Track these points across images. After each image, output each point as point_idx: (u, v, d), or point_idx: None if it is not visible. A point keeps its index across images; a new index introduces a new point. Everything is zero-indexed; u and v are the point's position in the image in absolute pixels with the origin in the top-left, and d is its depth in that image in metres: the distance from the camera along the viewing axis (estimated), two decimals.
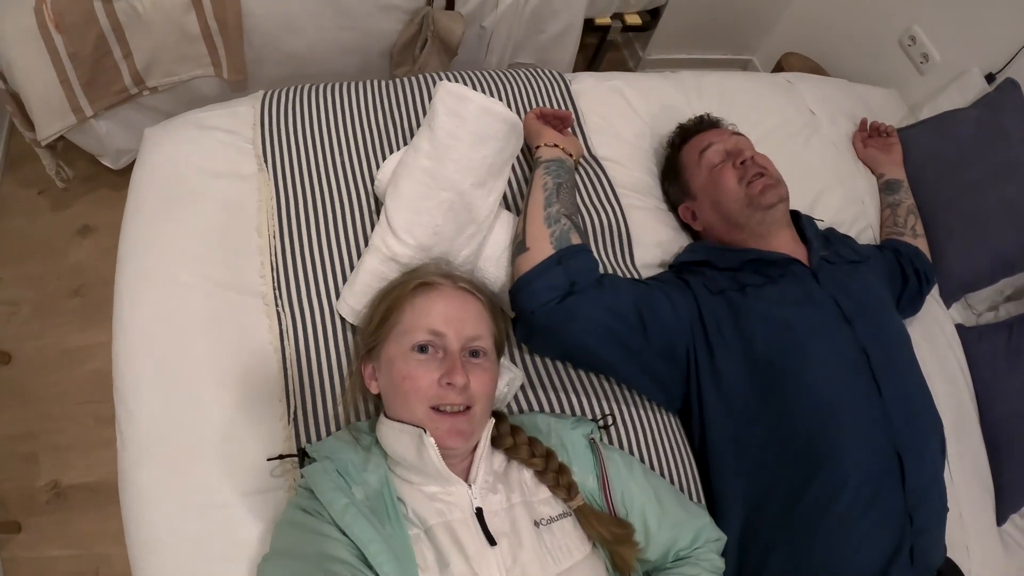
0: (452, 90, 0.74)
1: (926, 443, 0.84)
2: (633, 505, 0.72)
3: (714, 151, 0.97)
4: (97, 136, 1.43)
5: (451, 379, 0.63)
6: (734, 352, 0.82)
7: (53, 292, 1.51)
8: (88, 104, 1.35)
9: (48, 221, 1.59)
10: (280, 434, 0.78)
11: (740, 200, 0.92)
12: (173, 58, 1.38)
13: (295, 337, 0.82)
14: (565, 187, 0.84)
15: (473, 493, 0.64)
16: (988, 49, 1.35)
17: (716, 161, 0.97)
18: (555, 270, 0.76)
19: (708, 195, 0.97)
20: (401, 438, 0.64)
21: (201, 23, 1.34)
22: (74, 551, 1.22)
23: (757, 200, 0.91)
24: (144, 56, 1.34)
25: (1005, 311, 1.24)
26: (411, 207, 0.77)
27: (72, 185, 1.56)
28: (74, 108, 1.33)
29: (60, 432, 1.33)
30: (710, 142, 0.98)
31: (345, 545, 0.57)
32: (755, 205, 0.91)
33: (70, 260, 1.56)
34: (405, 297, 0.69)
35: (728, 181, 0.94)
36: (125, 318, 0.84)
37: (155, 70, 1.38)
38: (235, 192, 0.95)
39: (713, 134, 1.01)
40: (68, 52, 1.27)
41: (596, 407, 0.85)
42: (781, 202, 0.92)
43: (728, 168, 0.95)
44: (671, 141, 1.07)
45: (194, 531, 0.72)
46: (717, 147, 0.97)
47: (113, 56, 1.32)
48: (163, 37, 1.32)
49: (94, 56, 1.29)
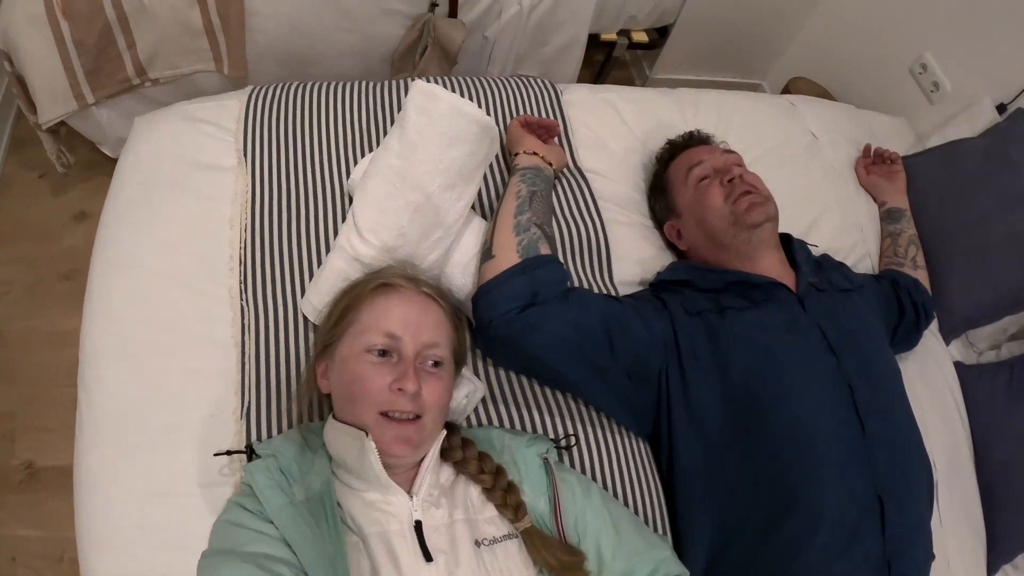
0: (424, 88, 0.72)
1: (911, 487, 0.79)
2: (587, 532, 0.68)
3: (702, 168, 0.94)
4: (98, 124, 1.44)
5: (402, 385, 0.61)
6: (709, 377, 0.78)
7: (45, 275, 1.53)
8: (90, 92, 1.36)
9: (46, 204, 1.61)
10: (232, 428, 0.76)
11: (725, 218, 0.89)
12: (176, 51, 1.39)
13: (256, 332, 0.82)
14: (539, 196, 0.82)
15: (414, 505, 0.62)
16: (1000, 79, 1.31)
17: (703, 177, 0.94)
18: (518, 279, 0.73)
19: (693, 212, 0.94)
20: (345, 440, 0.62)
21: (204, 18, 1.36)
22: (43, 532, 1.22)
23: (742, 219, 0.87)
24: (147, 48, 1.36)
25: (1008, 350, 1.18)
26: (377, 207, 0.76)
27: (72, 171, 1.58)
28: (76, 95, 1.35)
29: (40, 414, 1.33)
30: (699, 159, 0.95)
31: (284, 544, 0.56)
32: (740, 224, 0.88)
33: (64, 244, 1.57)
34: (364, 296, 0.68)
35: (713, 198, 0.90)
36: (94, 302, 0.85)
37: (158, 62, 1.40)
38: (214, 184, 0.95)
39: (703, 151, 0.98)
40: (74, 39, 1.29)
41: (559, 426, 0.82)
42: (768, 221, 0.88)
43: (715, 185, 0.92)
44: (659, 157, 1.04)
45: (140, 519, 0.71)
46: (706, 164, 0.94)
47: (117, 46, 1.34)
48: (167, 30, 1.34)
49: (99, 45, 1.31)
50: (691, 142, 1.01)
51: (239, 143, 0.99)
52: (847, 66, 1.66)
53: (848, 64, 1.66)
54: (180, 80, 1.44)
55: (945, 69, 1.42)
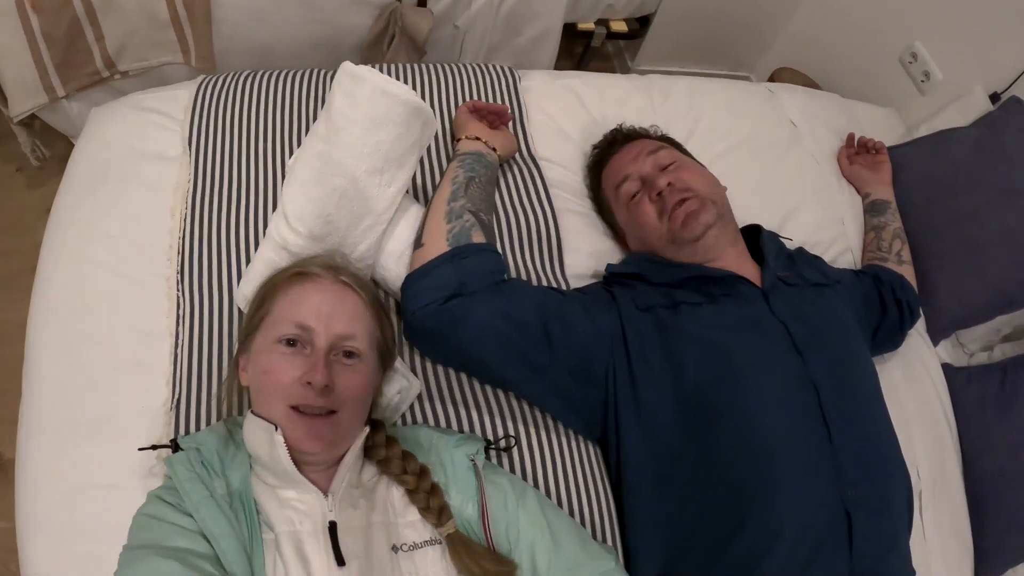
0: (349, 70, 0.68)
1: (885, 501, 0.72)
2: (520, 540, 0.64)
3: (629, 184, 0.86)
4: (68, 117, 1.45)
5: (310, 378, 0.58)
6: (660, 378, 0.73)
7: (16, 267, 1.52)
8: (60, 84, 1.37)
9: (22, 198, 1.61)
10: (163, 420, 0.75)
11: (663, 236, 0.82)
12: (144, 43, 1.39)
13: (190, 323, 0.80)
14: (478, 182, 0.77)
15: (329, 505, 0.59)
16: (993, 67, 1.24)
17: (633, 195, 0.86)
18: (444, 268, 0.68)
19: (633, 233, 0.88)
20: (257, 434, 0.59)
21: (171, 9, 1.36)
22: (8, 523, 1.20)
23: (679, 235, 0.80)
24: (116, 40, 1.36)
25: (1000, 352, 1.11)
26: (303, 194, 0.72)
27: (48, 164, 1.59)
28: (47, 87, 1.36)
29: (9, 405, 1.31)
30: (624, 174, 0.87)
31: (203, 538, 0.54)
32: (680, 241, 0.81)
33: (38, 237, 1.55)
34: (280, 286, 0.65)
35: (646, 218, 0.83)
36: (39, 293, 0.84)
37: (126, 54, 1.40)
38: (159, 174, 0.94)
39: (627, 157, 0.89)
40: (43, 32, 1.29)
41: (500, 427, 0.77)
42: (709, 230, 0.80)
43: (645, 202, 0.84)
44: (589, 165, 0.98)
45: (75, 511, 0.70)
46: (631, 179, 0.86)
47: (86, 38, 1.34)
48: (134, 22, 1.35)
49: (68, 37, 1.31)
50: (614, 146, 0.93)
51: (185, 132, 0.98)
52: (836, 57, 1.61)
53: (837, 55, 1.60)
54: (149, 72, 1.44)
55: (936, 58, 1.36)
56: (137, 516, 0.58)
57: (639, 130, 0.97)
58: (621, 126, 0.97)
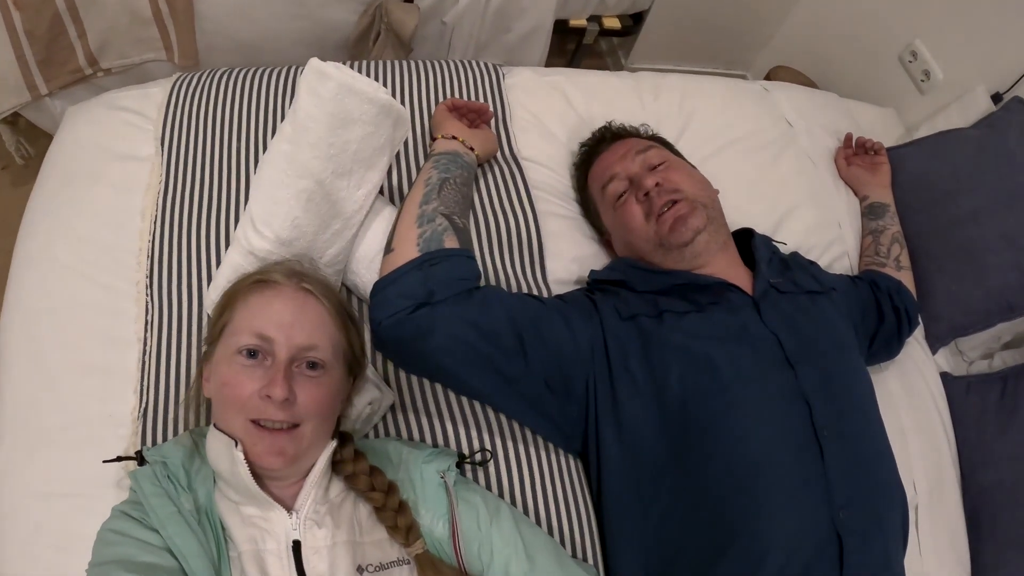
0: (315, 66, 0.65)
1: (879, 522, 0.69)
2: (493, 560, 0.62)
3: (615, 184, 0.83)
4: (52, 115, 1.43)
5: (269, 391, 0.55)
6: (641, 390, 0.69)
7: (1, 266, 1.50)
8: (43, 82, 1.36)
9: (6, 196, 1.59)
10: (129, 428, 0.73)
11: (650, 240, 0.79)
12: (126, 40, 1.38)
13: (159, 329, 0.78)
14: (452, 183, 0.74)
15: (293, 523, 0.56)
16: (995, 66, 1.20)
17: (619, 195, 0.83)
18: (412, 275, 0.65)
19: (619, 234, 0.85)
20: (219, 449, 0.57)
21: (153, 6, 1.34)
22: None
23: (668, 240, 0.77)
24: (98, 37, 1.34)
25: (1001, 360, 1.07)
26: (269, 196, 0.69)
27: (33, 163, 1.56)
28: (29, 85, 1.34)
29: None
30: (611, 173, 0.84)
31: (170, 554, 0.53)
32: (668, 245, 0.77)
33: None
34: (240, 294, 0.62)
35: (633, 220, 0.80)
36: (11, 295, 0.83)
37: (109, 51, 1.38)
38: (129, 175, 0.92)
39: (614, 156, 0.85)
40: (25, 29, 1.28)
41: (475, 440, 0.74)
42: (698, 234, 0.77)
43: (631, 203, 0.81)
44: (576, 163, 0.95)
45: (37, 518, 0.68)
46: (619, 179, 0.83)
47: (68, 35, 1.33)
48: (116, 19, 1.33)
49: (50, 34, 1.29)
50: (601, 144, 0.90)
51: (157, 131, 0.95)
52: (834, 56, 1.57)
53: (835, 54, 1.57)
54: (132, 70, 1.42)
55: (937, 57, 1.32)
56: (102, 531, 0.56)
57: (629, 128, 0.93)
58: (610, 124, 0.94)
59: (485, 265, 0.83)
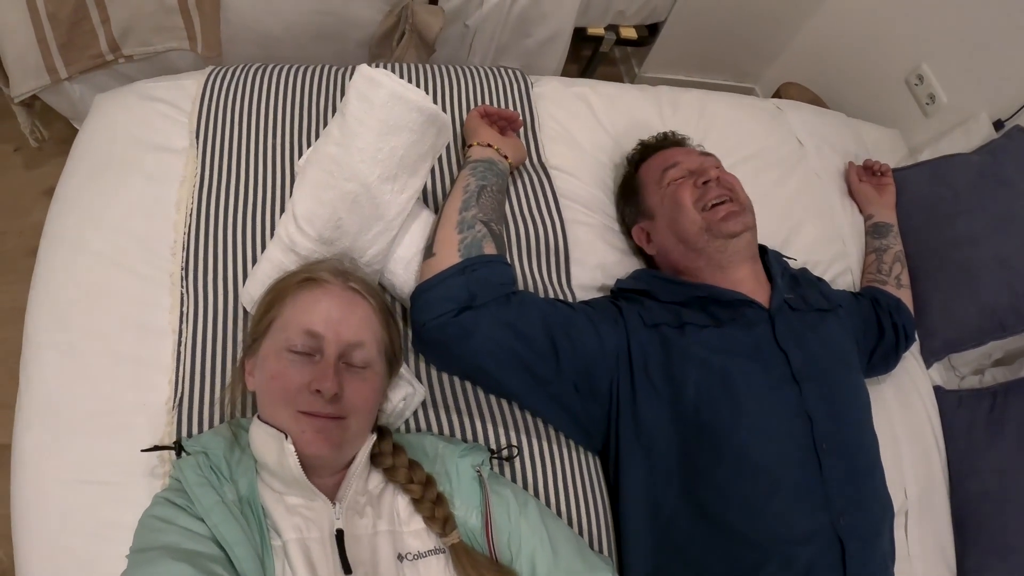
0: (366, 73, 0.67)
1: (876, 529, 0.74)
2: (521, 550, 0.65)
3: (677, 170, 0.88)
4: (70, 99, 1.42)
5: (320, 386, 0.57)
6: (661, 397, 0.73)
7: (11, 249, 1.50)
8: (63, 66, 1.34)
9: (19, 178, 1.59)
10: (163, 418, 0.74)
11: (697, 224, 0.83)
12: (150, 28, 1.37)
13: (194, 321, 0.79)
14: (489, 191, 0.77)
15: (337, 512, 0.58)
16: (999, 94, 1.25)
17: (677, 179, 0.88)
18: (455, 280, 0.68)
19: (665, 214, 0.88)
20: (265, 441, 0.59)
21: None
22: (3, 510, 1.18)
23: (717, 227, 0.81)
24: (121, 23, 1.33)
25: (991, 376, 1.13)
26: (314, 196, 0.71)
27: (47, 146, 1.56)
28: (49, 68, 1.33)
29: None
30: (674, 161, 0.89)
31: (215, 543, 0.54)
32: (714, 232, 0.81)
33: (33, 219, 1.54)
34: (289, 291, 0.64)
35: (685, 199, 0.84)
36: (40, 281, 0.83)
37: (131, 38, 1.38)
38: (164, 166, 0.92)
39: (678, 152, 0.92)
40: (48, 12, 1.27)
41: (502, 436, 0.77)
42: (746, 231, 0.82)
43: (687, 186, 0.85)
44: (630, 158, 0.98)
45: (67, 505, 0.69)
46: (681, 166, 0.88)
47: (91, 20, 1.32)
48: (141, 6, 1.32)
49: (72, 19, 1.28)
50: (664, 143, 0.95)
51: (192, 124, 0.96)
52: (842, 74, 1.61)
53: (843, 72, 1.61)
54: (154, 58, 1.42)
55: (942, 82, 1.37)
56: (145, 518, 0.57)
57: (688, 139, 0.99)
58: (673, 132, 0.99)
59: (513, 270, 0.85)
